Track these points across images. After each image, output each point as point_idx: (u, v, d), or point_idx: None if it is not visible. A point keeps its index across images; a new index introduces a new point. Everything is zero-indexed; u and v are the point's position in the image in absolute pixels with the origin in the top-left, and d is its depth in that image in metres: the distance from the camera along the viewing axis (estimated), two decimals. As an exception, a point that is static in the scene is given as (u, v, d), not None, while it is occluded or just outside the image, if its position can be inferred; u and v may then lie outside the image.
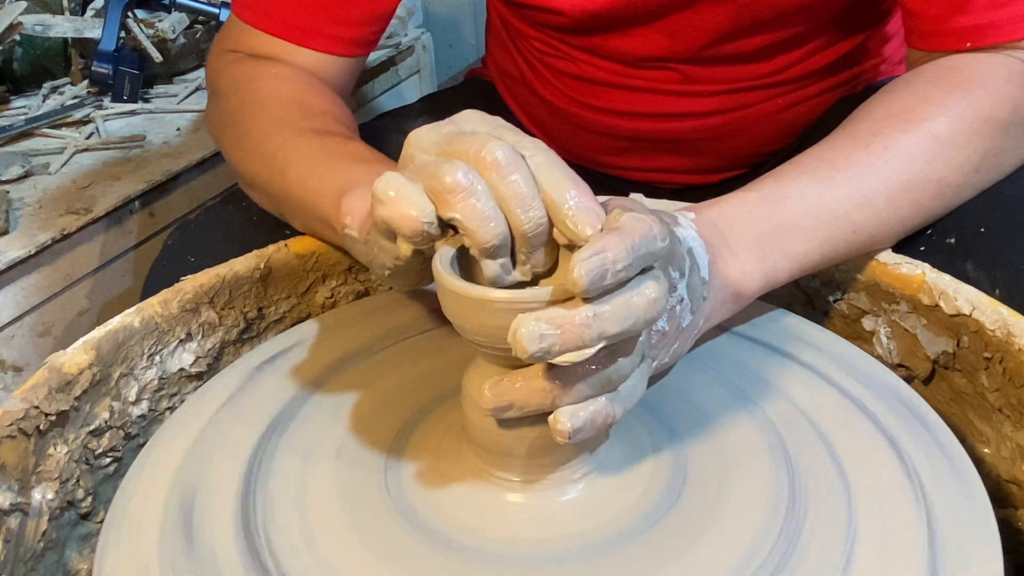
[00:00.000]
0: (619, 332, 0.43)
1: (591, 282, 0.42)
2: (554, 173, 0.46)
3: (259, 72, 0.80)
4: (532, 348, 0.42)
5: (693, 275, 0.54)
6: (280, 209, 0.74)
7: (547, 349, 0.42)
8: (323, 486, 0.53)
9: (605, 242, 0.43)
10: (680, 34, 0.83)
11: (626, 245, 0.43)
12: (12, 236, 1.13)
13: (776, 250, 0.60)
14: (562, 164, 0.47)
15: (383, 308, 0.69)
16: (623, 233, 0.43)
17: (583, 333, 0.42)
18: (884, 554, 0.47)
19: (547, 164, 0.47)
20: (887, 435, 0.55)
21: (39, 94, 1.56)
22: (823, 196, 0.61)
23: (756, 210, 0.60)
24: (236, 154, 0.77)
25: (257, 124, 0.75)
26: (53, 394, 0.58)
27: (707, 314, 0.56)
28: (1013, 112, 0.66)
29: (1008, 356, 0.58)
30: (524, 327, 0.42)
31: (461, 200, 0.45)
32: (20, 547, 0.55)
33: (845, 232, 0.62)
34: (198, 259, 0.74)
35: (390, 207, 0.47)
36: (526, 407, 0.46)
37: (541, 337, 0.42)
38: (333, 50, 0.83)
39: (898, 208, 0.64)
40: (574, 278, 0.42)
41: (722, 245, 0.58)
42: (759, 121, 0.90)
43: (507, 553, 0.48)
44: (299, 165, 0.68)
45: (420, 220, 0.46)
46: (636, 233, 0.44)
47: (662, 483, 0.52)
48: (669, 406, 0.57)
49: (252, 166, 0.75)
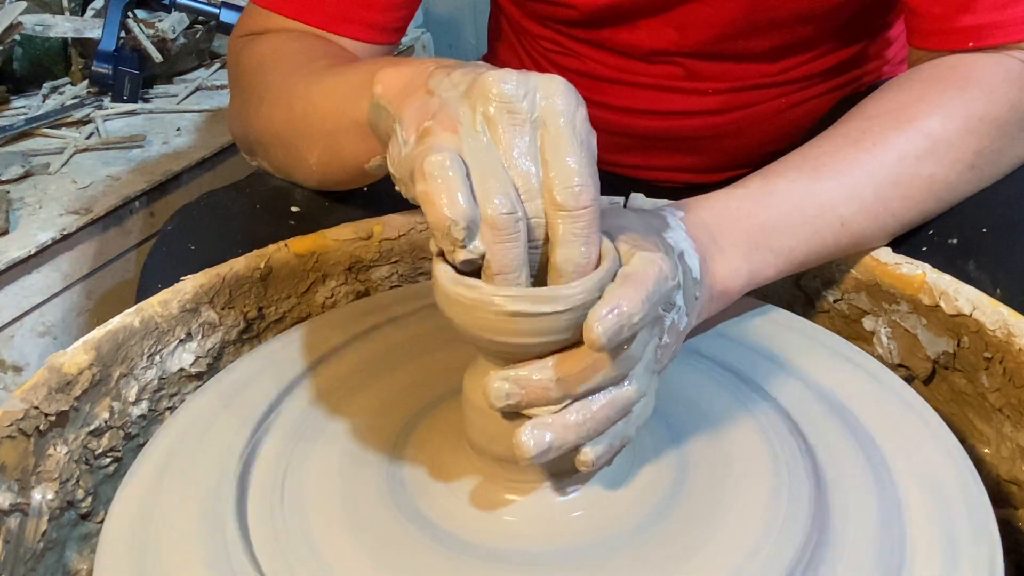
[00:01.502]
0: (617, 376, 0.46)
1: (609, 340, 0.42)
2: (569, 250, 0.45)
3: (283, 41, 0.78)
4: (499, 404, 0.45)
5: (687, 279, 0.54)
6: (300, 144, 0.71)
7: (516, 404, 0.45)
8: (323, 486, 0.53)
9: (621, 297, 0.43)
10: (689, 27, 0.83)
11: (641, 296, 0.43)
12: (12, 236, 1.13)
13: (763, 247, 0.60)
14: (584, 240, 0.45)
15: (383, 308, 0.69)
16: (637, 284, 0.44)
17: (547, 395, 0.45)
18: (884, 554, 0.47)
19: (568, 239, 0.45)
20: (887, 435, 0.55)
21: (39, 94, 1.56)
22: (809, 190, 0.62)
23: (743, 207, 0.61)
24: (255, 119, 0.76)
25: (277, 76, 0.73)
26: (53, 394, 0.58)
27: (698, 312, 0.57)
28: (1010, 111, 0.66)
29: (1008, 356, 0.58)
30: (494, 385, 0.45)
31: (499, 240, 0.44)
32: (20, 547, 0.55)
33: (833, 226, 0.62)
34: (199, 246, 0.74)
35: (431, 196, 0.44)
36: (563, 446, 0.46)
37: (507, 395, 0.45)
38: (363, 36, 0.80)
39: (887, 202, 0.64)
40: (593, 338, 0.42)
41: (710, 243, 0.58)
42: (763, 120, 0.90)
43: (507, 553, 0.48)
44: (324, 82, 0.67)
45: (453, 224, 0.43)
46: (649, 281, 0.44)
47: (662, 484, 0.52)
48: (670, 407, 0.57)
49: (270, 117, 0.73)
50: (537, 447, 0.44)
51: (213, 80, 1.68)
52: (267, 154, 0.78)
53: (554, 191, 0.44)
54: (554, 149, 0.45)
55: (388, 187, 0.77)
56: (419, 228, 0.75)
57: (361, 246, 0.75)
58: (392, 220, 0.75)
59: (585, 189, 0.44)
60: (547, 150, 0.45)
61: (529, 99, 0.45)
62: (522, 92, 0.45)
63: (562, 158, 0.44)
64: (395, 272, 0.77)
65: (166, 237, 0.77)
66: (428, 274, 0.76)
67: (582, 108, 0.46)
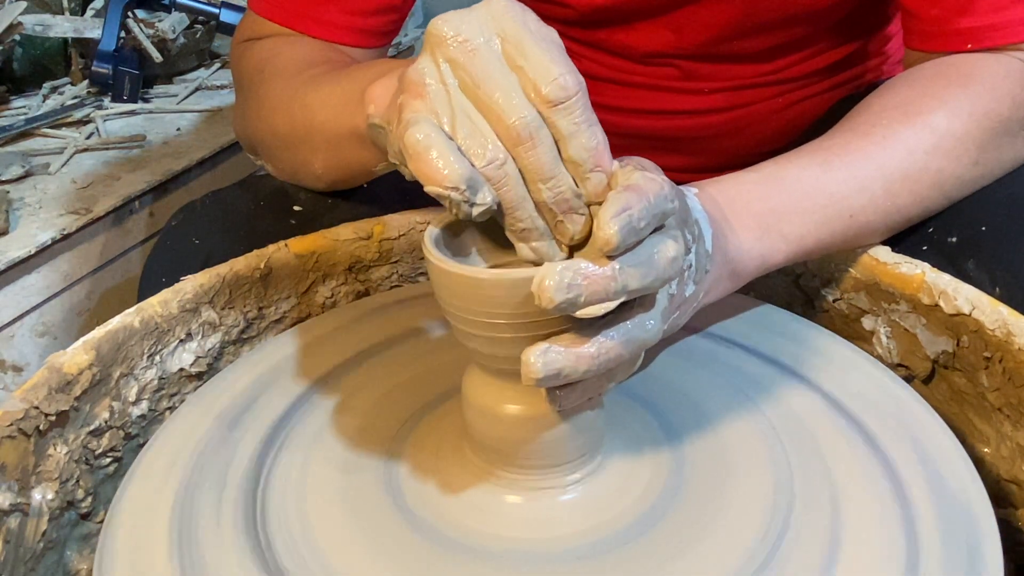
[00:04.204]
0: (640, 287, 0.44)
1: (623, 239, 0.42)
2: (577, 139, 0.46)
3: (280, 46, 0.80)
4: (559, 298, 0.41)
5: (699, 245, 0.53)
6: (303, 150, 0.73)
7: (573, 300, 0.42)
8: (324, 486, 0.53)
9: (628, 199, 0.43)
10: (685, 29, 0.83)
11: (644, 203, 0.43)
12: (12, 236, 1.13)
13: (773, 230, 0.60)
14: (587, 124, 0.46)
15: (383, 308, 0.69)
16: (640, 191, 0.44)
17: (608, 286, 0.42)
18: (885, 554, 0.47)
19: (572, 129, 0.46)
20: (887, 435, 0.55)
21: (39, 94, 1.56)
22: (820, 179, 0.62)
23: (755, 190, 0.61)
24: (257, 124, 0.77)
25: (278, 83, 0.75)
26: (53, 394, 0.58)
27: (707, 288, 0.56)
28: (1012, 108, 0.67)
29: (1008, 356, 0.58)
30: (551, 277, 0.41)
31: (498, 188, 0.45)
32: (20, 547, 0.55)
33: (842, 216, 0.62)
34: (203, 242, 0.74)
35: (423, 172, 0.44)
36: (573, 374, 0.44)
37: (568, 287, 0.41)
38: (353, 42, 0.81)
39: (896, 197, 0.64)
40: (607, 236, 0.42)
41: (723, 220, 0.58)
42: (761, 119, 0.90)
43: (507, 553, 0.48)
44: (321, 90, 0.68)
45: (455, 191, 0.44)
46: (651, 192, 0.44)
47: (661, 484, 0.52)
48: (669, 407, 0.57)
49: (272, 123, 0.74)
50: (546, 369, 0.43)
51: (213, 80, 1.68)
52: (271, 158, 0.79)
53: (540, 90, 0.45)
54: (522, 55, 0.45)
55: (388, 187, 0.77)
56: (419, 228, 0.75)
57: (361, 246, 0.75)
58: (392, 220, 0.75)
59: (566, 76, 0.45)
60: (516, 58, 0.46)
61: (478, 25, 0.46)
62: (469, 21, 0.46)
63: (533, 58, 0.45)
64: (395, 272, 0.77)
65: (170, 233, 0.78)
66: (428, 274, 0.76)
67: (529, 11, 0.47)
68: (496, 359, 0.48)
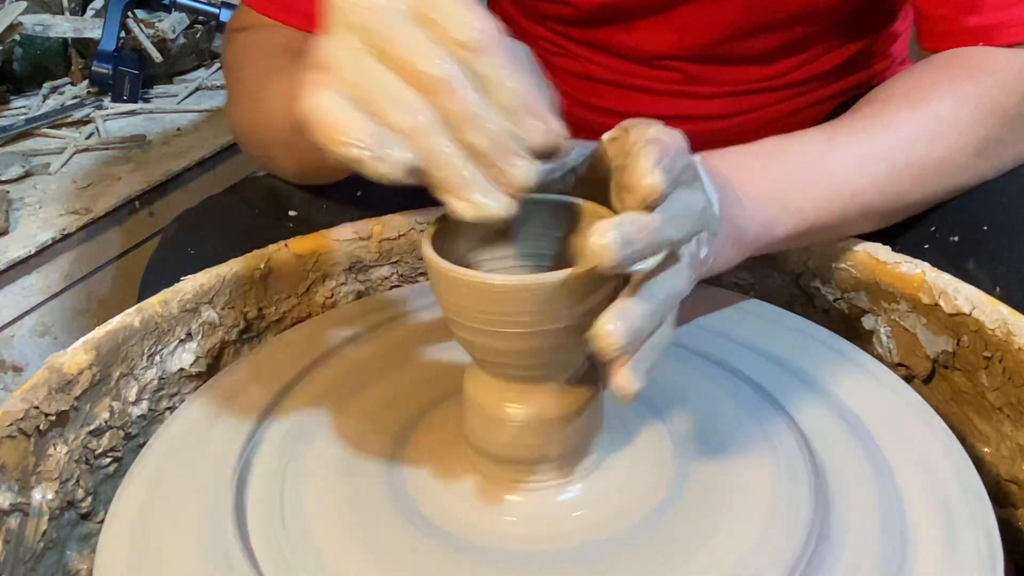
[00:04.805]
0: (681, 238, 0.44)
1: (667, 187, 0.42)
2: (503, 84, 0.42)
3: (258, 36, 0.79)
4: (620, 255, 0.40)
5: (708, 210, 0.53)
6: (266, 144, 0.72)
7: (631, 255, 0.41)
8: (323, 485, 0.53)
9: (659, 149, 0.42)
10: (686, 29, 0.83)
11: (673, 152, 0.43)
12: (12, 236, 1.13)
13: (776, 202, 0.60)
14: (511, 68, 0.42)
15: (383, 308, 0.69)
16: (663, 143, 0.43)
17: (656, 237, 0.42)
18: (884, 555, 0.47)
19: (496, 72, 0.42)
20: (887, 435, 0.55)
21: (39, 94, 1.56)
22: (824, 156, 0.62)
23: (757, 161, 0.61)
24: (234, 115, 0.77)
25: (246, 73, 0.74)
26: (53, 394, 0.58)
27: (714, 253, 0.55)
28: (1019, 104, 0.67)
29: (1008, 355, 0.58)
30: (611, 232, 0.40)
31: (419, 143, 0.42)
32: (20, 547, 0.55)
33: (844, 195, 0.63)
34: (198, 251, 0.74)
35: (324, 129, 0.42)
36: (640, 335, 0.43)
37: (627, 243, 0.40)
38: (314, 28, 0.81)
39: (898, 181, 0.64)
40: (652, 183, 0.41)
41: (727, 188, 0.58)
42: (765, 126, 0.90)
43: (507, 553, 0.48)
44: (277, 83, 0.68)
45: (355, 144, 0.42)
46: (672, 143, 0.44)
47: (662, 485, 0.51)
48: (669, 407, 0.57)
49: (241, 115, 0.74)
50: (627, 334, 0.42)
51: (213, 80, 1.68)
52: (247, 150, 0.80)
53: (456, 37, 0.42)
54: (432, 7, 0.42)
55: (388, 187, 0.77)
56: (419, 228, 0.75)
57: (361, 246, 0.75)
58: (392, 220, 0.75)
59: (482, 19, 0.42)
60: (427, 12, 0.42)
61: None
62: None
63: (445, 9, 0.42)
64: (395, 272, 0.77)
65: (166, 243, 0.78)
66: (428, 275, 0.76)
67: None
68: (496, 359, 0.48)
